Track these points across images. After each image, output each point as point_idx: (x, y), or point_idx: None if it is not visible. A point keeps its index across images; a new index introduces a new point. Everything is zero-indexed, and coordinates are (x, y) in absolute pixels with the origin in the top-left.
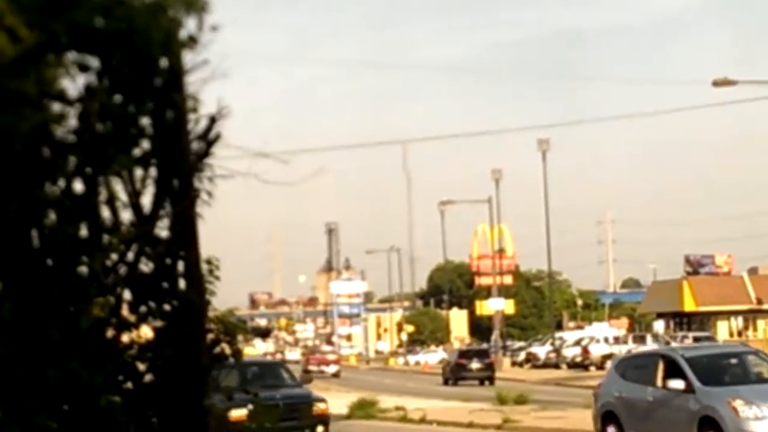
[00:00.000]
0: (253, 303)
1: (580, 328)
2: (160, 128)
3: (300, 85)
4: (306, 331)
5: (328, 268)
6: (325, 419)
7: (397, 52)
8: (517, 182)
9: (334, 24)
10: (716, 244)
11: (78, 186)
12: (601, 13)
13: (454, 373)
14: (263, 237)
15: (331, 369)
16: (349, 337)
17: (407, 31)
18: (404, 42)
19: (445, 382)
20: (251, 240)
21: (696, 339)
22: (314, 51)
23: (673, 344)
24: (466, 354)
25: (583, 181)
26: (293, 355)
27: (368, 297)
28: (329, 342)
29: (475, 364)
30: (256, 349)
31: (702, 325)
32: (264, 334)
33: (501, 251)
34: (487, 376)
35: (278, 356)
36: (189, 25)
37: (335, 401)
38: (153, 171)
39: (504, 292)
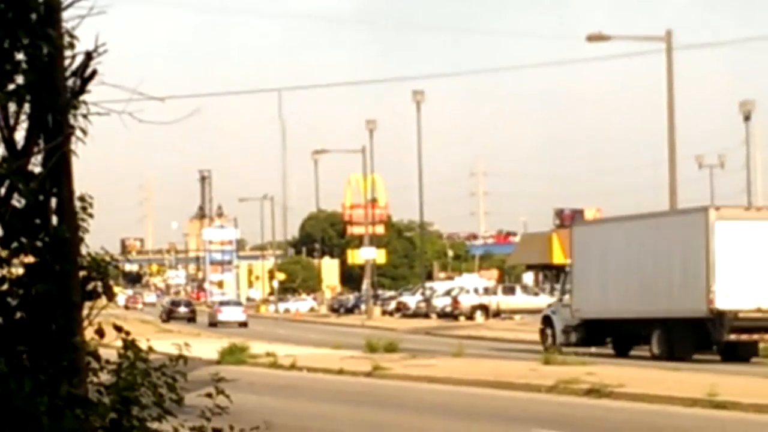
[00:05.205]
0: (125, 249)
1: (450, 278)
2: (35, 63)
3: (181, 31)
4: (177, 277)
5: (201, 215)
6: None
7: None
8: (392, 133)
9: None
10: (586, 198)
11: None
12: None
13: (167, 315)
14: (136, 183)
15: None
16: (220, 284)
17: None
18: None
19: (163, 321)
20: (124, 186)
21: None
22: None
23: (542, 296)
24: (175, 303)
25: (458, 134)
26: (150, 298)
27: (240, 245)
28: (201, 288)
29: (182, 309)
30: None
31: None
32: (135, 279)
33: (374, 201)
34: (189, 317)
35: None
36: None
37: (205, 347)
38: (27, 106)
39: (376, 241)
